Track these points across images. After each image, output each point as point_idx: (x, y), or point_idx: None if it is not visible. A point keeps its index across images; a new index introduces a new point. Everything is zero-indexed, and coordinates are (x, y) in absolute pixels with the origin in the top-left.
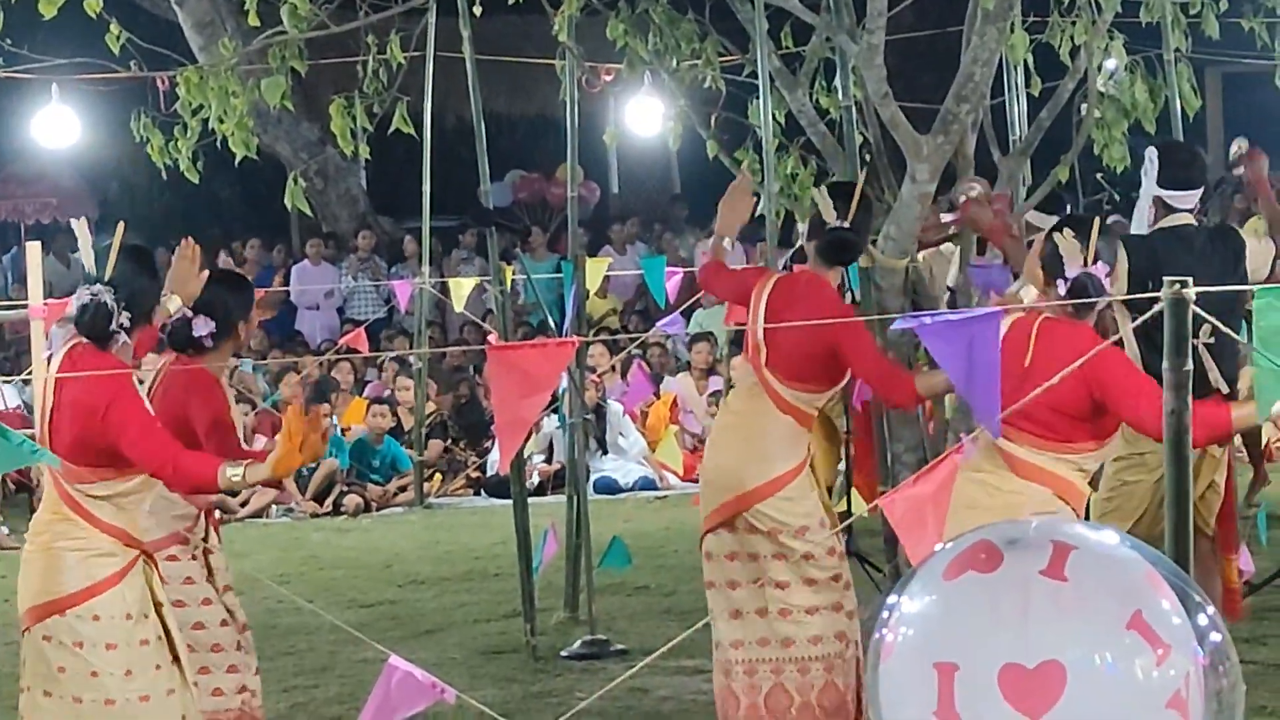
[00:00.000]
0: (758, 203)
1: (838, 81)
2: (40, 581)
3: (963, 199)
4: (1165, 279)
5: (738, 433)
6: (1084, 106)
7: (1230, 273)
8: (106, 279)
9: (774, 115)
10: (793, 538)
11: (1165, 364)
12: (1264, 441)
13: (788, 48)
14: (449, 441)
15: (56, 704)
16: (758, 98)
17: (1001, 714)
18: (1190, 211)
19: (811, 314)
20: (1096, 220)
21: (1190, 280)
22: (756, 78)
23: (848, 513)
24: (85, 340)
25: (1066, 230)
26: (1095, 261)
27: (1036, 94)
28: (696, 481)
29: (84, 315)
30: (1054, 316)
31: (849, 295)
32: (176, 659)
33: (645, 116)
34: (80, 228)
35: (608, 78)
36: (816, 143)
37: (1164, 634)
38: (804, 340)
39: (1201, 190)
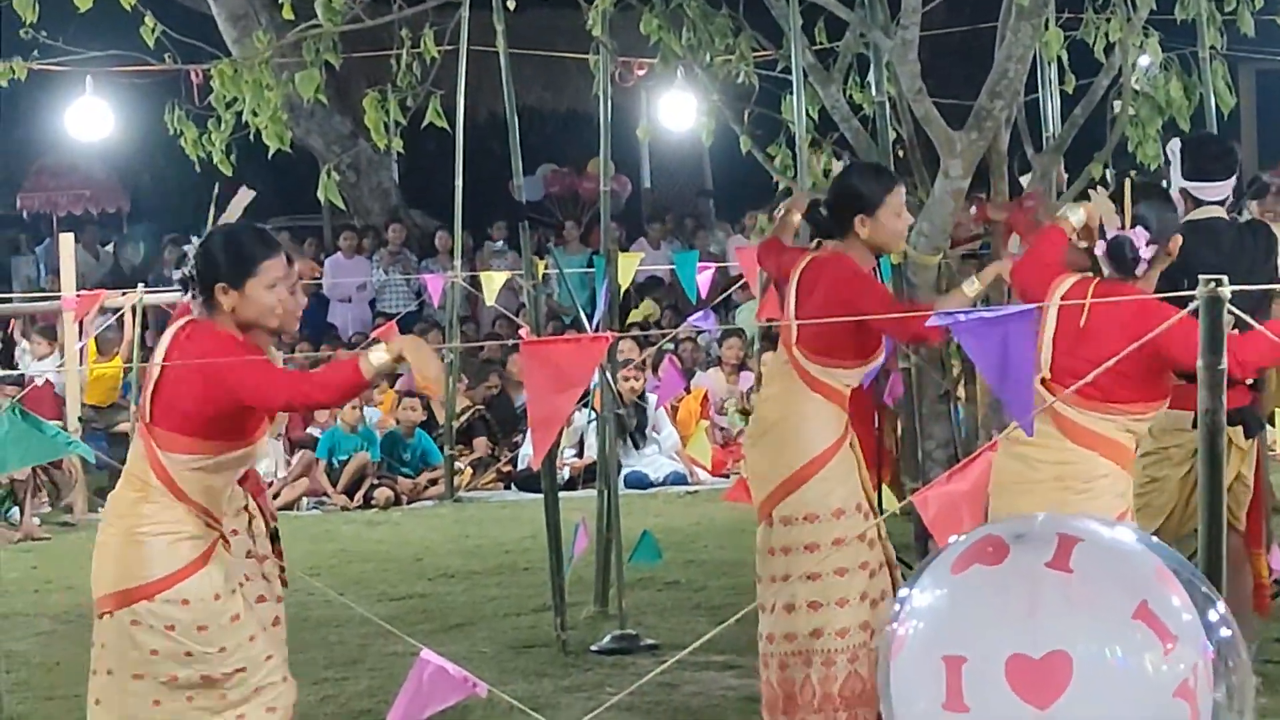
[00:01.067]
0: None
1: (871, 77)
2: (124, 566)
3: (974, 208)
4: (1200, 277)
5: (772, 417)
6: (1118, 103)
7: (1260, 268)
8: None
9: (807, 111)
10: (830, 520)
11: (1200, 362)
12: None
13: (821, 43)
14: (488, 437)
15: (149, 685)
16: (791, 93)
17: (1009, 704)
18: (1220, 204)
19: (830, 287)
20: (1128, 182)
21: (1225, 279)
22: (790, 73)
23: (879, 509)
24: (194, 319)
25: (1101, 189)
26: (1134, 226)
27: (1071, 91)
28: (727, 477)
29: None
30: (1109, 279)
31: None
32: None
33: (678, 111)
34: (243, 196)
35: (640, 72)
36: (850, 138)
37: (1171, 625)
38: (825, 313)
39: (1233, 182)
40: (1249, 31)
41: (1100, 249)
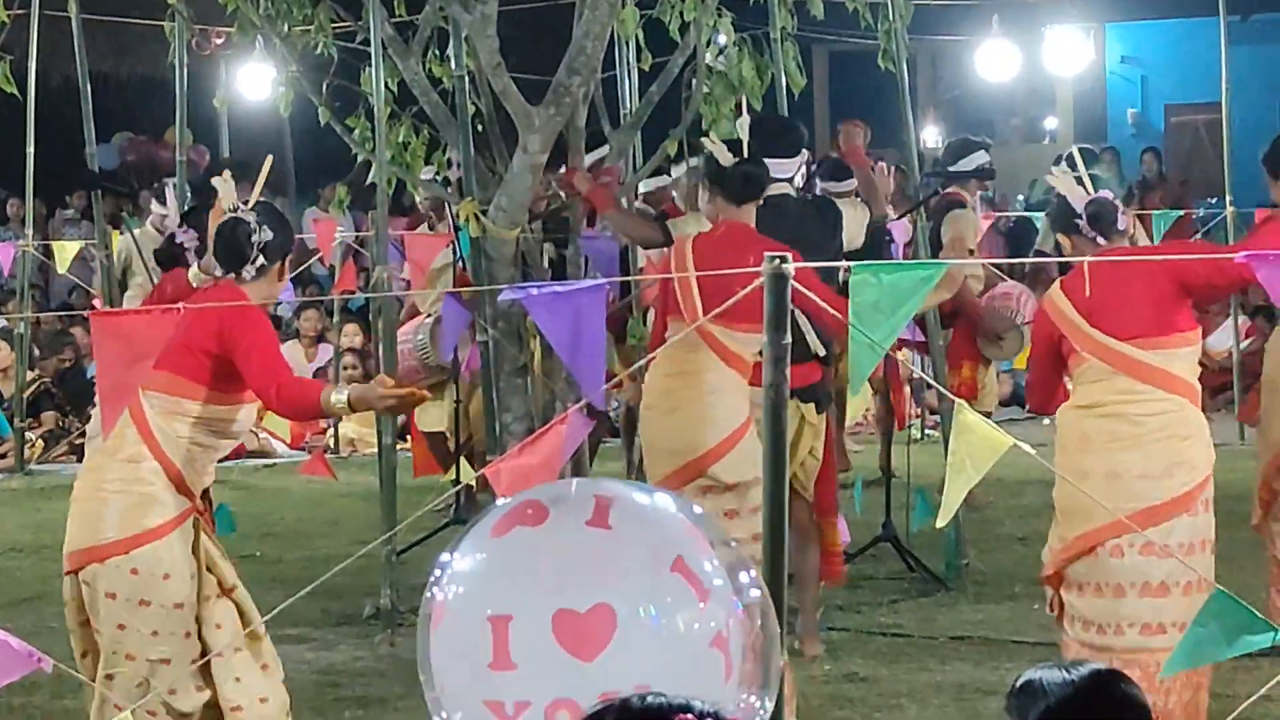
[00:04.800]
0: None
1: (450, 51)
2: (86, 525)
3: (562, 170)
4: (765, 254)
5: (675, 397)
6: (693, 82)
7: (827, 242)
8: (250, 205)
9: (386, 83)
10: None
11: (765, 337)
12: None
13: (401, 16)
14: (56, 410)
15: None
16: (370, 65)
17: (556, 659)
18: (788, 180)
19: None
20: (1076, 150)
21: (790, 256)
22: (369, 45)
23: (456, 481)
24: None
25: (1058, 169)
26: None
27: (647, 69)
28: (304, 449)
29: (221, 234)
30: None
31: (460, 264)
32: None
33: (257, 81)
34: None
35: (218, 41)
36: (429, 112)
37: (705, 580)
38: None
39: (800, 160)
40: (819, 14)
41: (1084, 224)
